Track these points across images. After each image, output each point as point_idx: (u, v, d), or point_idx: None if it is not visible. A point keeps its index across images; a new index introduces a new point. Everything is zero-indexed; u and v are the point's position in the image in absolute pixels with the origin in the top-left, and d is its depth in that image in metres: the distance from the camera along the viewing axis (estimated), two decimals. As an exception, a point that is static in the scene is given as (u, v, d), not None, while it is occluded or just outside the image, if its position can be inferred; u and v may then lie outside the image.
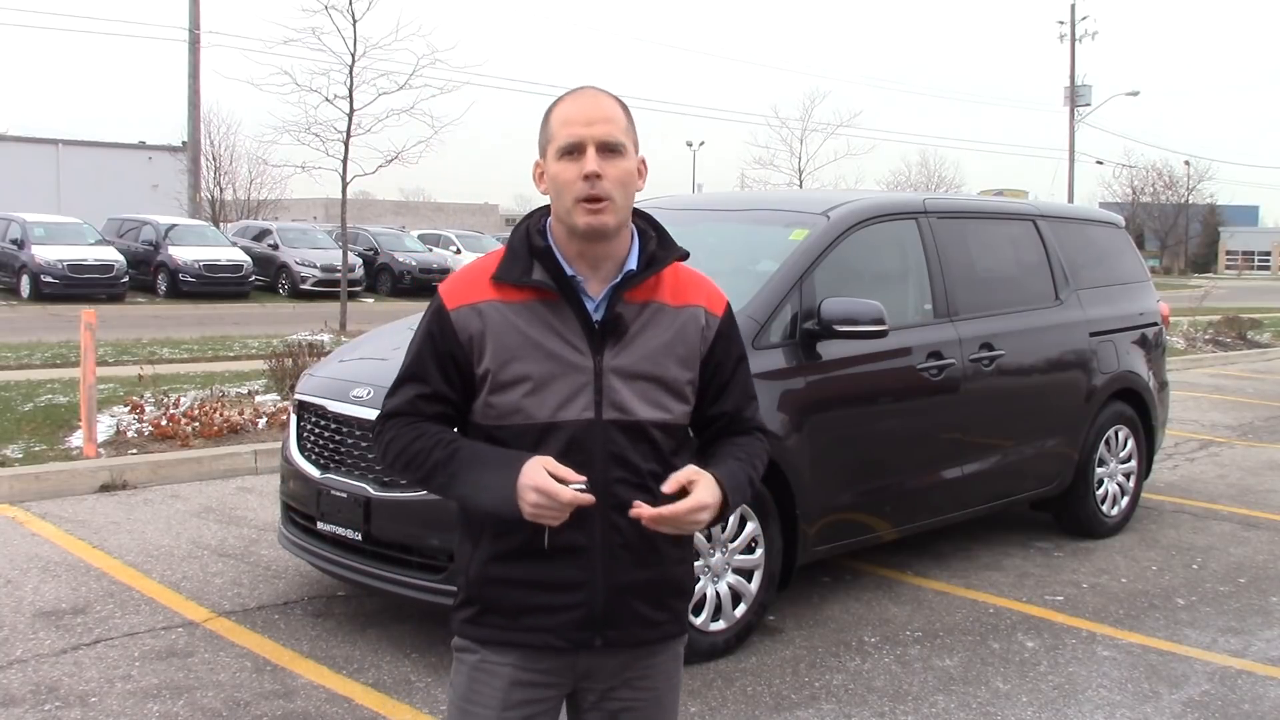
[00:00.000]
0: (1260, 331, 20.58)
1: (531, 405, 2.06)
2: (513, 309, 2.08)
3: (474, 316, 2.08)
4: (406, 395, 2.14)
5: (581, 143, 2.05)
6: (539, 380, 2.06)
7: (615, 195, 2.06)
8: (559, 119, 2.08)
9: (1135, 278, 7.45)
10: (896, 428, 5.56)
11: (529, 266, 2.09)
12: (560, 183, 2.06)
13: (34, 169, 42.65)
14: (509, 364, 2.06)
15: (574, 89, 2.15)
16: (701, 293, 2.22)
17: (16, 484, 7.03)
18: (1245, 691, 4.50)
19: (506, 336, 2.07)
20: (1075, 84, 50.65)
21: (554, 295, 2.08)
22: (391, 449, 2.14)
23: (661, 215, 7.89)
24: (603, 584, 2.09)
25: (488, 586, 2.13)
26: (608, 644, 2.13)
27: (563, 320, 2.08)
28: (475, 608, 2.15)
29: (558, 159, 2.06)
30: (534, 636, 2.11)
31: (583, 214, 2.05)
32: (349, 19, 16.60)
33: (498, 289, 2.09)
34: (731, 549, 4.75)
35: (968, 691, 4.43)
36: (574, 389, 2.07)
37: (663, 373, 2.12)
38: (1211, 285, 34.04)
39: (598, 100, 2.10)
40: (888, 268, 5.93)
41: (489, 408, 2.10)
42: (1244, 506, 7.65)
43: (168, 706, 4.10)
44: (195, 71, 29.06)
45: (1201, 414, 11.71)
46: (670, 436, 2.15)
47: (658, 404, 2.12)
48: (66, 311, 20.35)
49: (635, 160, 2.12)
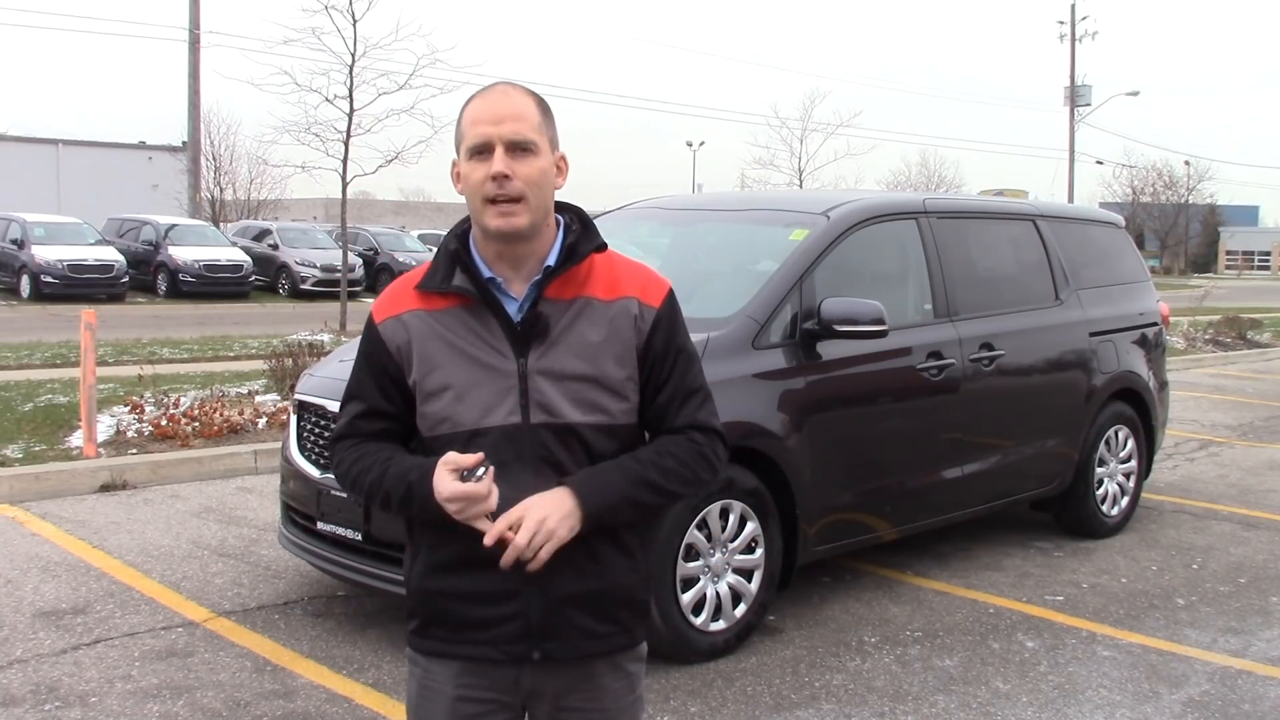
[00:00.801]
0: (1260, 331, 20.59)
1: (458, 412, 2.02)
2: (435, 317, 2.04)
3: (399, 328, 2.06)
4: (348, 417, 2.13)
5: (489, 142, 1.98)
6: (463, 386, 2.01)
7: (528, 195, 1.98)
8: (469, 118, 2.02)
9: (1135, 278, 7.45)
10: (896, 428, 5.56)
11: (450, 273, 2.05)
12: (470, 184, 2.01)
13: (34, 169, 42.67)
14: (433, 372, 2.03)
15: (487, 86, 2.07)
16: (635, 283, 2.10)
17: (16, 484, 7.03)
18: (1245, 691, 4.50)
19: (430, 345, 2.03)
20: (1075, 84, 50.67)
21: (473, 300, 2.03)
22: (340, 474, 2.13)
23: (662, 215, 7.89)
24: (538, 595, 2.02)
25: (428, 598, 2.08)
26: (546, 657, 2.04)
27: (484, 324, 2.03)
28: (419, 620, 2.11)
29: (468, 159, 2.01)
30: (473, 649, 2.05)
31: (493, 216, 1.99)
32: (349, 19, 16.59)
33: (421, 298, 2.06)
34: (731, 549, 4.75)
35: (968, 691, 4.43)
36: (499, 394, 2.01)
37: (596, 371, 2.03)
38: (1211, 285, 34.02)
39: (508, 97, 2.02)
40: (888, 268, 5.93)
41: (423, 418, 2.07)
42: (1244, 506, 7.65)
43: (168, 706, 4.10)
44: (195, 71, 29.08)
45: (1201, 414, 11.71)
46: (611, 438, 2.05)
47: (592, 405, 2.03)
48: (66, 311, 20.35)
49: (550, 158, 2.03)
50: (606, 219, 6.90)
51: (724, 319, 5.01)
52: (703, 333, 4.89)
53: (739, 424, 4.76)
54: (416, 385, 2.06)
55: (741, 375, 4.84)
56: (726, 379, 4.77)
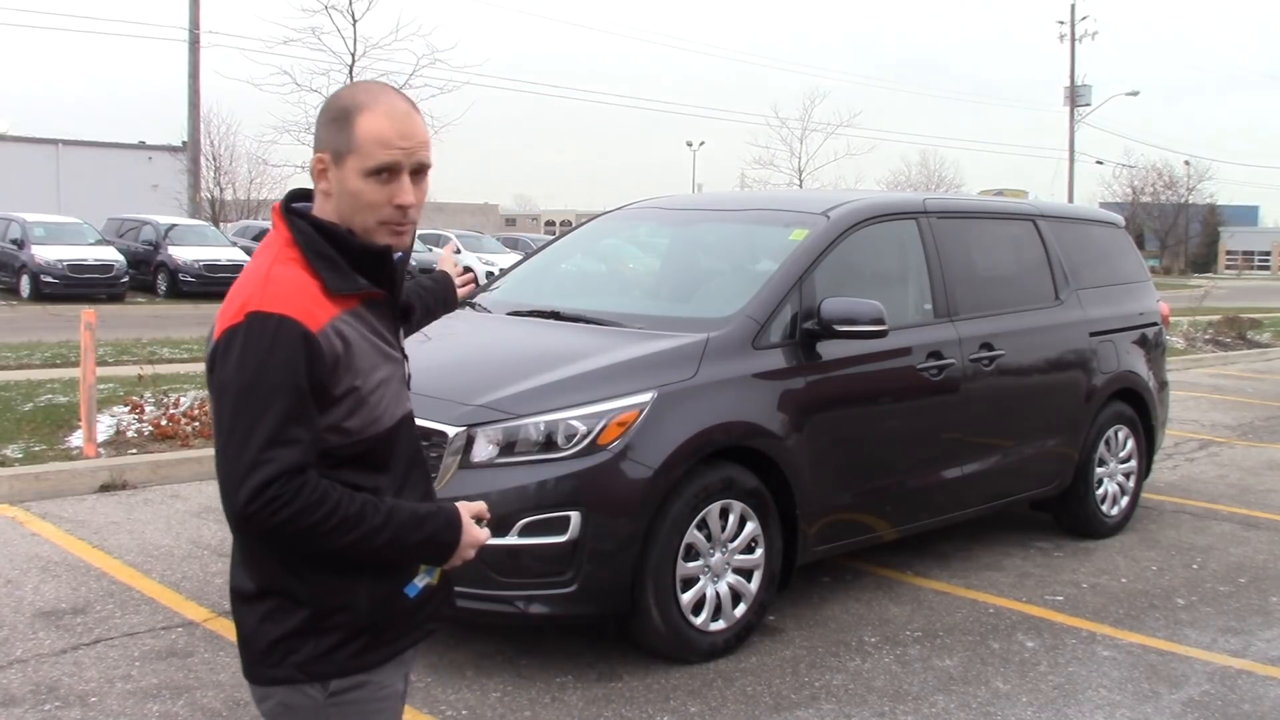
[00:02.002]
0: (1260, 331, 20.59)
1: (382, 413, 1.99)
2: (353, 319, 1.95)
3: (335, 337, 1.90)
4: (304, 442, 1.84)
5: (398, 166, 1.92)
6: (384, 385, 2.00)
7: (418, 217, 2.03)
8: (371, 134, 1.90)
9: (1135, 278, 7.45)
10: (896, 428, 5.56)
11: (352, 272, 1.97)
12: (366, 201, 1.93)
13: (34, 169, 42.69)
14: (367, 377, 1.95)
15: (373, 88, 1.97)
16: None
17: (16, 484, 7.03)
18: (1245, 691, 4.50)
19: (362, 349, 1.95)
20: (1075, 84, 50.72)
21: (383, 295, 2.02)
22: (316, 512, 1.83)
23: (662, 215, 7.88)
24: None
25: (384, 607, 2.02)
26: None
27: (382, 319, 2.03)
28: (367, 636, 2.00)
29: (364, 176, 1.91)
30: (419, 631, 2.12)
31: (386, 235, 1.97)
32: (349, 19, 16.61)
33: (336, 302, 1.92)
34: (731, 549, 4.75)
35: (968, 691, 4.43)
36: (399, 385, 2.06)
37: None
38: (1211, 285, 33.98)
39: (413, 118, 1.96)
40: (888, 268, 5.93)
41: (340, 432, 1.92)
42: (1244, 506, 7.65)
43: (168, 706, 4.10)
44: (195, 71, 29.08)
45: (1201, 414, 11.71)
46: None
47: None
48: (66, 311, 20.34)
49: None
50: (606, 219, 6.91)
51: (724, 319, 5.01)
52: (703, 333, 4.90)
53: (739, 424, 4.76)
54: (353, 393, 1.92)
55: (741, 375, 4.84)
56: (726, 379, 4.77)
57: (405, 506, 1.98)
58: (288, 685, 1.96)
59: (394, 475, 2.03)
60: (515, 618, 4.37)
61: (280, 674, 1.96)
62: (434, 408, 4.42)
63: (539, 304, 5.64)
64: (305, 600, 1.94)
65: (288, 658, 1.95)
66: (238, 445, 1.82)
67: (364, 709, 2.03)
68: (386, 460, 2.01)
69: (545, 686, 4.37)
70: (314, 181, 1.98)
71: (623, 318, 5.31)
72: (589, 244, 6.87)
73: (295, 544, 1.86)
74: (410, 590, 2.05)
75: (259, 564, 1.97)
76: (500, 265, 29.84)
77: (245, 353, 1.83)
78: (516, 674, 4.49)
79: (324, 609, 1.95)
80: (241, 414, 1.83)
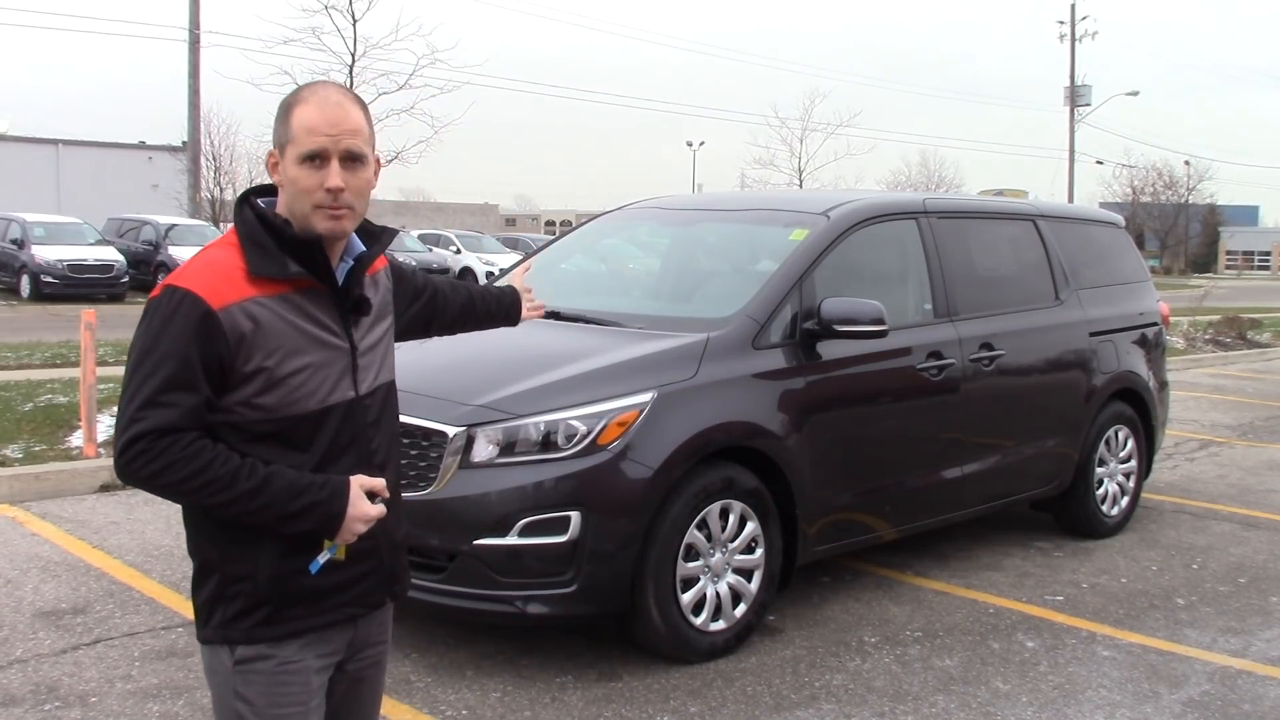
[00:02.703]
0: (1260, 331, 20.59)
1: (304, 395, 2.09)
2: (276, 303, 2.07)
3: (241, 316, 2.03)
4: (180, 408, 1.99)
5: (325, 153, 2.05)
6: (311, 370, 2.09)
7: (355, 204, 2.10)
8: (303, 123, 2.06)
9: (1135, 278, 7.45)
10: (896, 428, 5.56)
11: (284, 258, 2.08)
12: (300, 187, 2.07)
13: (34, 169, 42.64)
14: (285, 359, 2.06)
15: (315, 84, 2.13)
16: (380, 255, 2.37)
17: (16, 484, 7.04)
18: (1245, 691, 4.50)
19: (278, 332, 2.06)
20: (1075, 84, 50.70)
21: (317, 284, 2.11)
22: (184, 468, 1.98)
23: (662, 215, 7.87)
24: (386, 545, 2.24)
25: (285, 582, 2.10)
26: (394, 599, 2.30)
27: (321, 307, 2.12)
28: (268, 608, 2.10)
29: (298, 163, 2.06)
30: (337, 613, 2.17)
31: (322, 220, 2.08)
32: (349, 19, 16.67)
33: (256, 284, 2.05)
34: (731, 549, 4.75)
35: (968, 691, 4.43)
36: (339, 372, 2.14)
37: (386, 337, 2.30)
38: (1211, 285, 33.98)
39: (344, 108, 2.08)
40: (888, 268, 5.93)
41: (253, 408, 2.05)
42: (1244, 506, 7.65)
43: (168, 706, 4.10)
44: (195, 71, 29.05)
45: (1201, 414, 11.71)
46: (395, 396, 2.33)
47: (388, 366, 2.30)
48: (66, 311, 20.34)
49: (372, 164, 2.15)
50: (606, 219, 6.91)
51: (724, 319, 5.01)
52: (703, 333, 4.90)
53: (739, 424, 4.76)
54: (261, 373, 2.04)
55: (741, 375, 4.84)
56: (726, 379, 4.77)
57: (287, 474, 2.05)
58: (208, 646, 2.16)
59: (313, 456, 2.11)
60: (515, 618, 4.37)
61: (203, 635, 2.16)
62: (434, 408, 4.42)
63: (539, 304, 5.63)
64: (215, 566, 2.12)
65: (209, 621, 2.14)
66: (124, 402, 2.03)
67: (267, 681, 2.11)
68: (308, 442, 2.10)
69: (545, 686, 4.37)
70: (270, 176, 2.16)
71: (623, 318, 5.31)
72: (589, 244, 6.87)
73: (168, 498, 2.05)
74: (313, 566, 2.10)
75: (190, 532, 2.17)
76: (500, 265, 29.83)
77: (150, 320, 2.04)
78: (517, 674, 4.49)
79: (228, 575, 2.10)
80: (133, 375, 2.03)
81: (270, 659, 2.11)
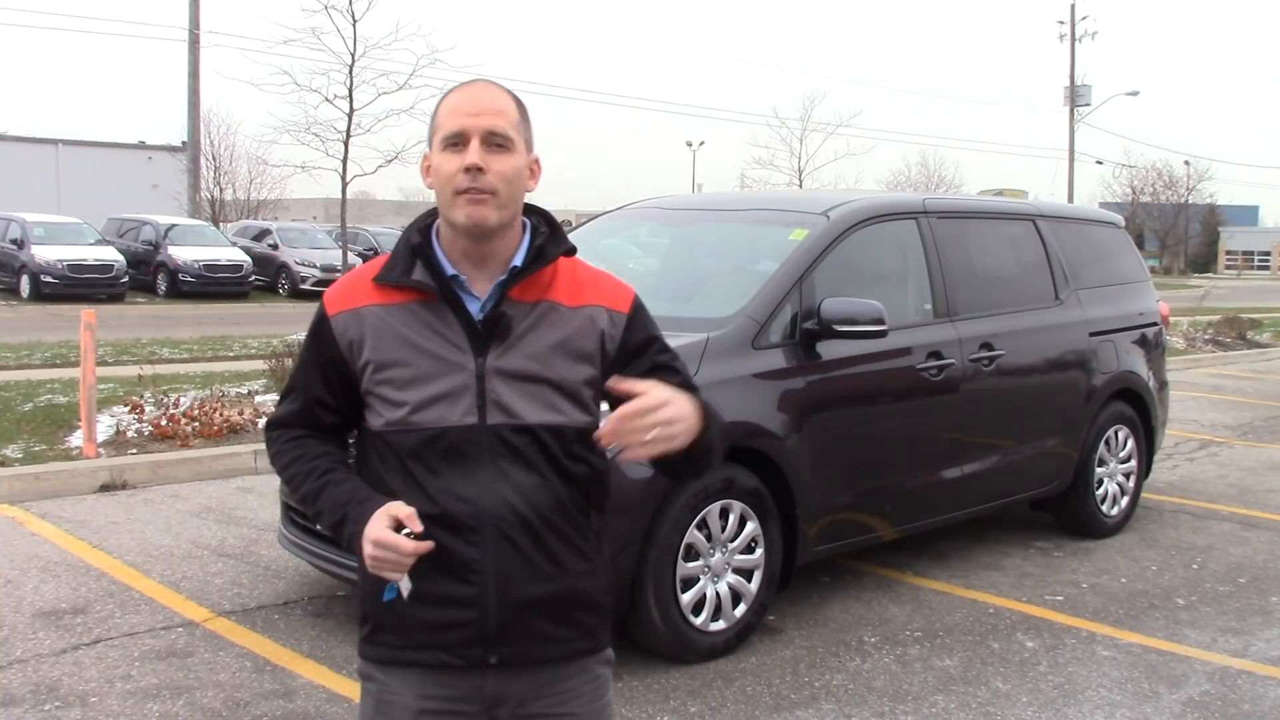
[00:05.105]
0: (1260, 331, 20.57)
1: (412, 410, 1.97)
2: (391, 311, 1.99)
3: (353, 322, 2.00)
4: (290, 406, 2.11)
5: (465, 133, 1.95)
6: (419, 384, 1.97)
7: (500, 190, 1.95)
8: (446, 109, 2.00)
9: (1135, 278, 7.45)
10: (896, 428, 5.56)
11: (409, 267, 2.01)
12: (442, 175, 1.96)
13: (34, 169, 42.60)
14: (388, 368, 1.98)
15: (466, 81, 2.06)
16: (602, 291, 2.10)
17: (16, 484, 7.04)
18: (1245, 691, 4.50)
19: (385, 340, 1.98)
20: (1075, 84, 50.66)
21: (433, 296, 1.99)
22: (276, 463, 2.13)
23: (662, 215, 7.85)
24: (495, 599, 1.97)
25: (374, 602, 2.02)
26: (504, 662, 1.99)
27: (443, 321, 1.98)
28: (370, 625, 2.05)
29: (441, 150, 1.97)
30: (427, 655, 1.99)
31: (462, 206, 1.94)
32: (349, 19, 16.64)
33: (379, 291, 2.01)
34: (731, 549, 4.75)
35: (968, 691, 4.43)
36: (456, 392, 1.97)
37: (553, 374, 2.01)
38: (1211, 285, 34.03)
39: (488, 91, 2.01)
40: (888, 268, 5.93)
41: (375, 414, 2.01)
42: (1244, 506, 7.65)
43: (168, 706, 4.10)
44: (195, 71, 29.09)
45: (1201, 414, 11.71)
46: (564, 441, 2.03)
47: (549, 405, 2.01)
48: (66, 311, 20.33)
49: (525, 158, 2.01)
50: (606, 219, 6.91)
51: (724, 319, 5.01)
52: (702, 333, 4.89)
53: (739, 424, 4.76)
54: (368, 381, 2.00)
55: (741, 375, 4.84)
56: (726, 379, 4.77)
57: (343, 487, 2.01)
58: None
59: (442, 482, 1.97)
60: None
61: None
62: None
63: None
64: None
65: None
66: None
67: (371, 701, 2.07)
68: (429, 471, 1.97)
69: (545, 686, 4.37)
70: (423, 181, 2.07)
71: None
72: (589, 244, 6.85)
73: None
74: (386, 594, 1.99)
75: None
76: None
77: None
78: (516, 674, 4.48)
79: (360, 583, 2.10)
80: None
81: (373, 680, 2.06)
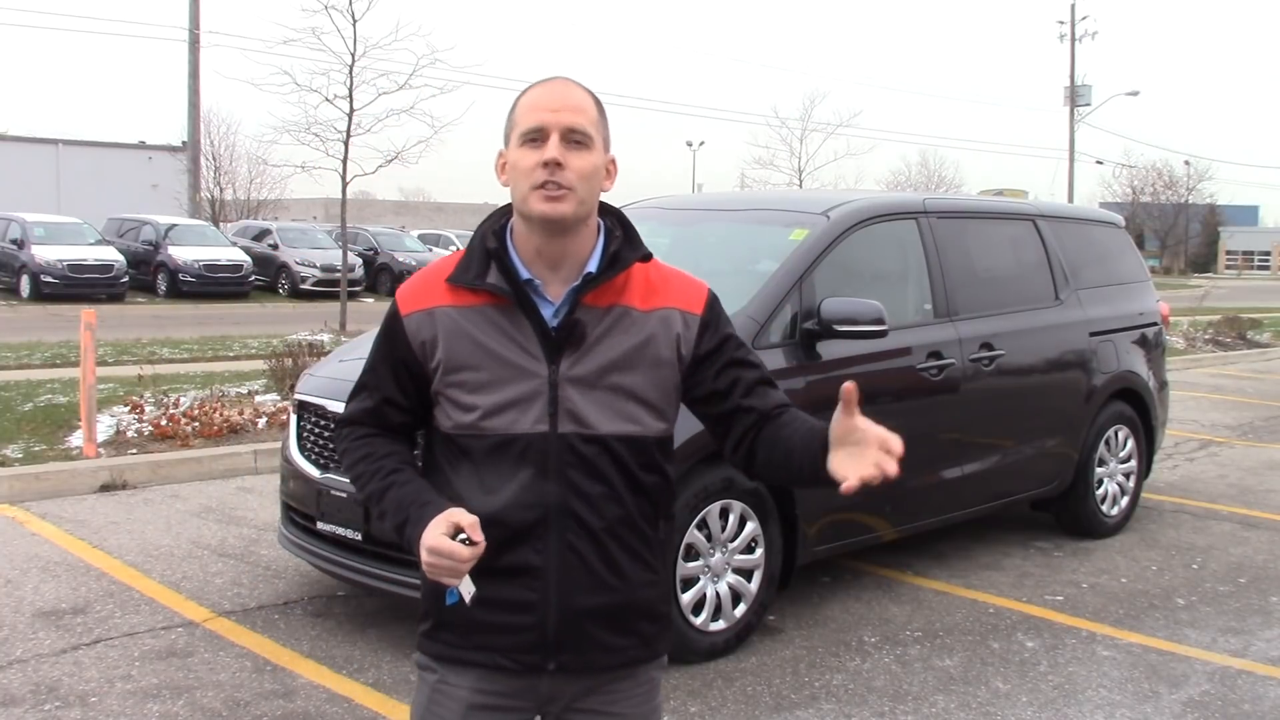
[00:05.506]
0: (1260, 331, 20.58)
1: (483, 415, 1.95)
2: (465, 314, 1.97)
3: (426, 322, 1.98)
4: (361, 404, 2.09)
5: (545, 128, 1.92)
6: (490, 389, 1.95)
7: (577, 186, 1.91)
8: (525, 104, 1.96)
9: (1135, 278, 7.45)
10: (896, 427, 5.50)
11: (484, 269, 1.97)
12: (519, 169, 1.93)
13: (34, 169, 42.61)
14: (460, 371, 1.96)
15: (546, 78, 2.02)
16: (674, 292, 2.05)
17: (16, 484, 7.03)
18: (1245, 691, 4.50)
19: (458, 342, 1.96)
20: (1075, 84, 50.64)
21: (507, 300, 1.96)
22: (344, 461, 2.12)
23: (662, 215, 7.86)
24: (556, 607, 1.96)
25: (435, 601, 2.03)
26: (561, 668, 1.99)
27: (517, 326, 1.95)
28: (431, 622, 2.06)
29: (519, 145, 1.94)
30: (484, 656, 2.00)
31: (539, 200, 1.91)
32: (349, 19, 16.57)
33: (452, 292, 1.98)
34: (731, 549, 4.75)
35: (968, 691, 4.43)
36: (527, 399, 1.94)
37: (628, 382, 1.98)
38: (1211, 285, 34.03)
39: (568, 88, 1.98)
40: (888, 268, 5.93)
41: (445, 416, 2.00)
42: (1244, 506, 7.65)
43: (168, 706, 4.10)
44: (195, 71, 29.07)
45: (1201, 414, 11.71)
46: (638, 451, 2.00)
47: (623, 415, 1.98)
48: (66, 311, 20.34)
49: (603, 157, 1.98)
50: (606, 219, 6.90)
51: (724, 319, 5.00)
52: (703, 333, 4.89)
53: (739, 424, 4.75)
54: (439, 382, 1.98)
55: (741, 375, 4.83)
56: (726, 379, 4.76)
57: (409, 488, 1.99)
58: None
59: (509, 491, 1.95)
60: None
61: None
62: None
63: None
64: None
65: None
66: None
67: (427, 692, 2.10)
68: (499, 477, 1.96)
69: (545, 686, 4.37)
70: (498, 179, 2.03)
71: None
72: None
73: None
74: (449, 597, 1.96)
75: None
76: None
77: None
78: (516, 674, 4.48)
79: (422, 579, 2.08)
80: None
81: (432, 673, 2.07)
